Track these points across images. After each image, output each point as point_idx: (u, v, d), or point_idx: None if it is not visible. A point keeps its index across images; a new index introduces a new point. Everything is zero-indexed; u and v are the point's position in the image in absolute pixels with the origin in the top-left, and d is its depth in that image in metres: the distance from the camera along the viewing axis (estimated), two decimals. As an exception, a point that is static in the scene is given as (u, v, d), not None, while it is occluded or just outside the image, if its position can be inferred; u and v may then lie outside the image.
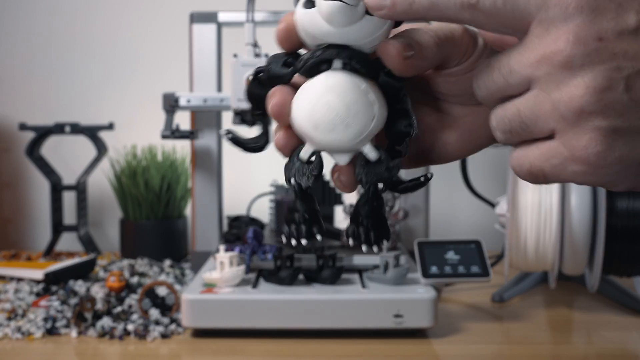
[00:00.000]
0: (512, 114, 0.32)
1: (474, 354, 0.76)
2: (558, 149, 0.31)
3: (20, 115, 1.36)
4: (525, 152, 0.33)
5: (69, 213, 1.27)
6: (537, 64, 0.30)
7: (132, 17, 1.38)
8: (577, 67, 0.29)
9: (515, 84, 0.32)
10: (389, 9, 0.33)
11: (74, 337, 0.78)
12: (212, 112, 1.05)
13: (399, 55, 0.34)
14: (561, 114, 0.30)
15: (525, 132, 0.32)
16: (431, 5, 0.32)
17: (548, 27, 0.30)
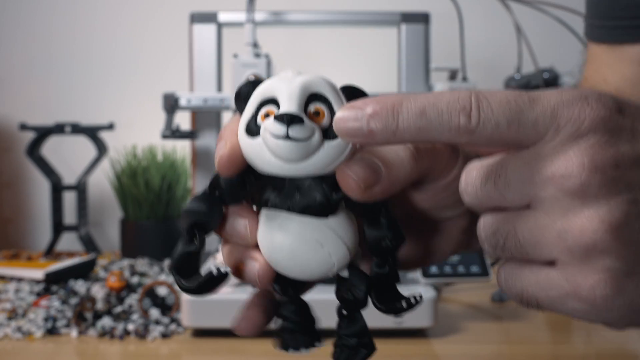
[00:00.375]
0: (506, 231, 0.28)
1: (474, 353, 0.76)
2: (558, 281, 0.27)
3: (21, 115, 1.36)
4: (517, 273, 0.29)
5: (69, 213, 1.27)
6: (543, 184, 0.27)
7: (132, 17, 1.38)
8: (590, 196, 0.26)
9: (513, 200, 0.28)
10: (366, 137, 0.27)
11: (74, 337, 0.78)
12: (212, 112, 1.05)
13: (358, 189, 0.29)
14: (568, 246, 0.26)
15: (521, 253, 0.28)
16: (419, 130, 0.27)
17: (557, 146, 0.26)
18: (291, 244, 0.30)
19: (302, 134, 0.27)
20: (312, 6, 1.18)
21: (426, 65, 1.02)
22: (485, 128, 0.27)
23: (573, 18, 1.06)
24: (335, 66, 1.37)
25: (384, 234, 0.30)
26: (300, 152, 0.28)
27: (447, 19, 1.05)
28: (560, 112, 0.27)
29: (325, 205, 0.29)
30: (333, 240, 0.30)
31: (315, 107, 0.29)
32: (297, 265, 0.30)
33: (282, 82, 0.29)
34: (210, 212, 0.31)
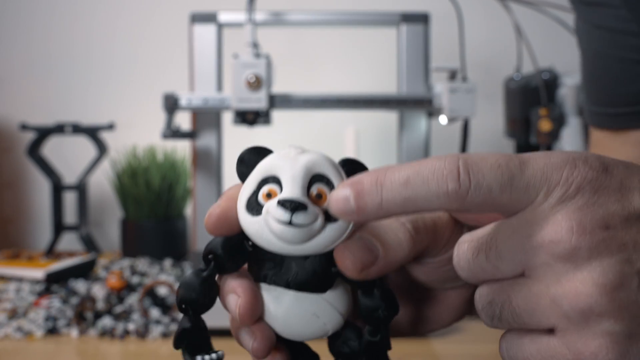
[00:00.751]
0: (501, 301, 0.28)
1: (474, 353, 0.76)
2: (559, 349, 0.26)
3: (21, 115, 1.36)
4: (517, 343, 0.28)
5: (69, 213, 1.27)
6: (534, 251, 0.26)
7: (132, 17, 1.38)
8: (582, 259, 0.25)
9: (506, 271, 0.27)
10: (357, 215, 0.27)
11: (74, 337, 0.79)
12: (212, 112, 1.05)
13: (355, 270, 0.29)
14: (564, 312, 0.26)
15: (519, 323, 0.28)
16: (405, 201, 0.26)
17: (545, 211, 0.26)
18: (287, 316, 0.30)
19: (306, 221, 0.28)
20: (312, 6, 1.18)
21: (426, 65, 1.02)
22: (478, 194, 0.26)
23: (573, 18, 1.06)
24: (335, 66, 1.37)
25: (378, 305, 0.30)
26: (303, 237, 0.28)
27: (447, 19, 1.05)
28: (549, 175, 0.26)
29: (323, 282, 0.30)
30: (328, 312, 0.30)
31: (318, 189, 0.29)
32: (294, 333, 0.31)
33: (285, 162, 0.29)
34: (201, 291, 0.31)
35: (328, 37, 1.35)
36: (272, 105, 0.97)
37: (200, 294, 0.30)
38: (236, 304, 0.30)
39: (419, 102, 0.99)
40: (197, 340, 0.31)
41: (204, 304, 0.31)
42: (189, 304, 0.30)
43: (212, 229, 0.30)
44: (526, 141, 1.04)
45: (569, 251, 0.26)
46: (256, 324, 0.31)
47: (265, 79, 0.94)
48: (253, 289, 0.30)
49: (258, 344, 0.31)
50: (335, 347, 0.33)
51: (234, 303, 0.30)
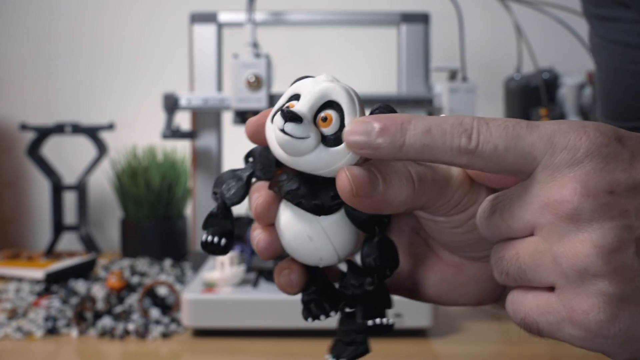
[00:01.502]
0: (510, 257, 0.29)
1: (474, 353, 0.76)
2: (556, 306, 0.28)
3: (21, 115, 1.36)
4: (521, 299, 0.30)
5: (69, 213, 1.27)
6: (541, 210, 0.28)
7: (132, 17, 1.38)
8: (584, 221, 0.26)
9: (517, 229, 0.29)
10: (373, 150, 0.29)
11: (74, 337, 0.79)
12: (212, 112, 1.05)
13: (349, 192, 0.29)
14: (562, 270, 0.27)
15: (523, 279, 0.29)
16: (423, 148, 0.28)
17: (553, 172, 0.27)
18: (288, 229, 0.32)
19: (296, 133, 0.29)
20: (312, 6, 1.18)
21: (426, 65, 1.02)
22: (484, 150, 0.28)
23: (573, 18, 1.06)
24: (335, 66, 1.37)
25: (372, 252, 0.32)
26: (292, 148, 0.30)
27: (447, 19, 1.05)
28: (556, 139, 0.27)
29: (319, 206, 0.31)
30: (322, 239, 0.32)
31: (326, 113, 0.30)
32: (291, 248, 0.33)
33: (310, 83, 0.31)
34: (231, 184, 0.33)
35: (328, 37, 1.35)
36: (272, 105, 0.97)
37: (228, 185, 0.33)
38: (255, 202, 0.32)
39: (419, 102, 0.99)
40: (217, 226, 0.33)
41: (229, 196, 0.33)
42: (218, 192, 0.34)
43: (249, 135, 0.33)
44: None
45: (572, 211, 0.27)
46: (268, 226, 0.33)
47: (265, 79, 0.94)
48: (272, 193, 0.32)
49: (263, 242, 0.33)
50: (340, 286, 0.34)
51: (254, 201, 0.33)
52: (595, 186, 0.26)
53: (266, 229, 0.33)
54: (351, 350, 0.34)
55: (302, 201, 0.31)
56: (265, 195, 0.32)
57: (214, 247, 0.33)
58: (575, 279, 0.27)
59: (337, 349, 0.34)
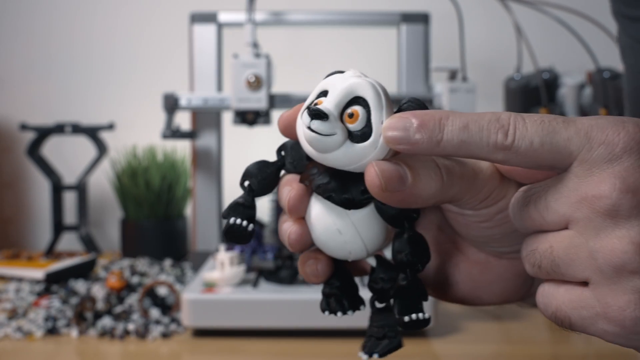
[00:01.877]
0: (543, 250, 0.29)
1: (474, 353, 0.76)
2: (590, 301, 0.28)
3: (21, 115, 1.36)
4: (553, 292, 0.30)
5: (69, 213, 1.27)
6: (577, 205, 0.28)
7: (132, 17, 1.38)
8: (622, 217, 0.26)
9: (552, 221, 0.29)
10: (411, 145, 0.29)
11: (74, 337, 0.79)
12: (212, 112, 1.05)
13: (378, 186, 0.29)
14: (598, 265, 0.27)
15: (556, 272, 0.29)
16: (461, 144, 0.28)
17: (591, 167, 0.27)
18: (318, 223, 0.33)
19: (322, 130, 0.30)
20: (312, 6, 1.18)
21: (426, 65, 1.02)
22: (519, 146, 0.28)
23: (573, 18, 1.06)
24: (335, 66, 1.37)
25: (403, 248, 0.32)
26: (320, 145, 0.30)
27: (447, 19, 1.05)
28: (593, 134, 0.27)
29: (349, 200, 0.31)
30: (351, 233, 0.32)
31: (352, 110, 0.30)
32: (321, 241, 0.33)
33: (338, 79, 0.31)
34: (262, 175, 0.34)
35: (328, 37, 1.35)
36: (272, 105, 0.97)
37: (258, 176, 0.34)
38: (287, 195, 0.33)
39: (419, 102, 0.99)
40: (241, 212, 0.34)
41: (258, 186, 0.34)
42: (249, 181, 0.34)
43: (282, 130, 0.33)
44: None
45: (610, 207, 0.27)
46: (299, 219, 0.33)
47: (265, 79, 0.94)
48: (304, 187, 0.33)
49: (294, 235, 0.33)
50: (370, 280, 0.35)
51: (286, 194, 0.33)
52: (635, 182, 0.26)
53: (297, 222, 0.33)
54: (385, 344, 0.34)
55: (332, 195, 0.31)
56: (297, 188, 0.33)
57: (239, 231, 0.33)
58: (611, 275, 0.27)
59: (369, 345, 0.34)
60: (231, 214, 0.33)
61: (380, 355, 0.34)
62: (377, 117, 0.30)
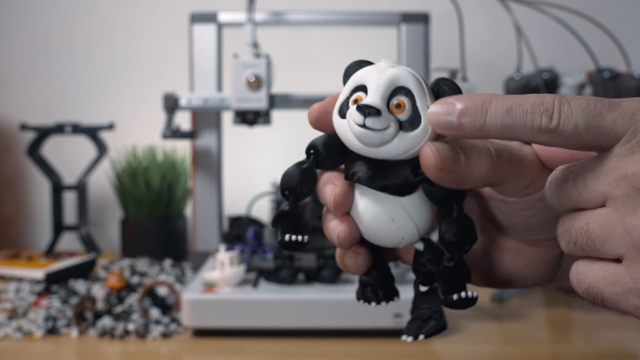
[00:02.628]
0: (579, 227, 0.30)
1: (474, 353, 0.76)
2: (623, 276, 0.28)
3: (21, 115, 1.36)
4: (587, 269, 0.30)
5: (69, 213, 1.27)
6: (617, 182, 0.28)
7: (132, 17, 1.38)
8: None
9: (589, 199, 0.29)
10: (456, 130, 0.30)
11: (74, 337, 0.79)
12: (212, 112, 1.05)
13: (435, 166, 0.30)
14: (633, 241, 0.28)
15: (591, 249, 0.29)
16: (504, 127, 0.29)
17: (633, 147, 0.28)
18: (367, 214, 0.33)
19: (377, 125, 0.30)
20: (312, 6, 1.18)
21: (426, 65, 1.02)
22: (564, 129, 0.28)
23: (573, 18, 1.06)
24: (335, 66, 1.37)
25: (452, 228, 0.33)
26: (375, 141, 0.30)
27: (447, 19, 1.05)
28: (639, 118, 0.28)
29: (402, 186, 0.32)
30: (403, 218, 0.33)
31: (398, 100, 0.31)
32: (371, 232, 0.33)
33: (374, 72, 0.32)
34: (299, 178, 0.34)
35: (328, 37, 1.35)
36: (272, 105, 0.97)
37: (299, 182, 0.34)
38: (332, 193, 0.33)
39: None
40: (291, 224, 0.34)
41: (302, 191, 0.34)
42: (290, 190, 0.34)
43: (313, 122, 0.33)
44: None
45: None
46: (345, 216, 0.33)
47: (265, 79, 0.94)
48: (347, 182, 0.33)
49: (344, 232, 0.33)
50: (417, 265, 0.35)
51: (330, 192, 0.33)
52: None
53: (344, 219, 0.33)
54: (432, 325, 0.35)
55: (386, 184, 0.32)
56: (341, 185, 0.33)
57: (297, 245, 0.34)
58: None
59: (415, 327, 0.35)
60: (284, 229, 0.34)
61: (427, 336, 0.34)
62: (423, 104, 0.31)
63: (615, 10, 1.30)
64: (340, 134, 0.32)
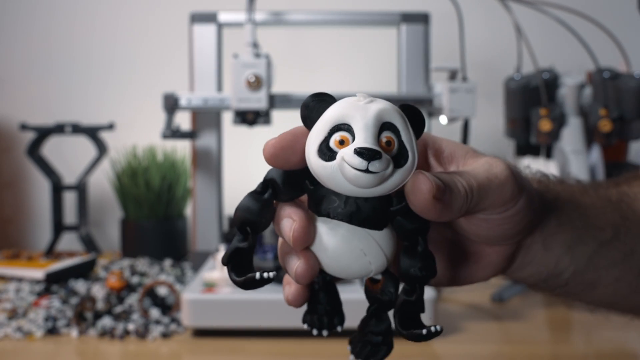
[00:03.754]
0: None
1: (474, 353, 0.76)
2: None
3: (21, 115, 1.36)
4: None
5: (69, 213, 1.27)
6: None
7: (132, 17, 1.38)
8: None
9: None
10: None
11: (74, 337, 0.79)
12: (212, 112, 1.05)
13: (430, 192, 0.31)
14: None
15: None
16: None
17: None
18: (338, 249, 0.32)
19: (381, 169, 0.30)
20: (312, 6, 1.18)
21: (426, 65, 1.02)
22: None
23: (573, 18, 1.06)
24: (335, 66, 1.37)
25: (416, 263, 0.33)
26: (375, 183, 0.30)
27: (447, 19, 1.05)
28: None
29: (381, 220, 0.32)
30: (375, 251, 0.32)
31: (387, 137, 0.31)
32: (339, 267, 0.33)
33: (356, 110, 0.31)
34: (260, 212, 0.33)
35: (328, 37, 1.35)
36: (272, 105, 0.97)
37: (259, 215, 0.33)
38: (291, 228, 0.32)
39: (419, 102, 0.99)
40: (244, 261, 0.33)
41: (262, 224, 0.33)
42: (249, 224, 0.33)
43: (269, 159, 0.32)
44: (526, 141, 1.04)
45: None
46: (304, 250, 0.33)
47: (265, 79, 0.94)
48: (307, 216, 0.32)
49: (302, 268, 0.32)
50: (374, 292, 0.35)
51: (289, 227, 0.32)
52: None
53: (302, 254, 0.33)
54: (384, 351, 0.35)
55: (366, 218, 0.31)
56: (299, 219, 0.32)
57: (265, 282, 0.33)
58: None
59: (366, 351, 0.35)
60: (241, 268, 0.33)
61: None
62: (406, 136, 0.31)
63: (615, 10, 1.30)
64: (321, 176, 0.31)
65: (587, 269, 0.40)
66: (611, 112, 0.98)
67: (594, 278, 0.40)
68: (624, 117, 0.99)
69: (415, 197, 0.31)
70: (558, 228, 0.38)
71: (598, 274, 0.40)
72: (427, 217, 0.32)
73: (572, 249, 0.39)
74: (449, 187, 0.31)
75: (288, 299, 0.35)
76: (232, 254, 0.33)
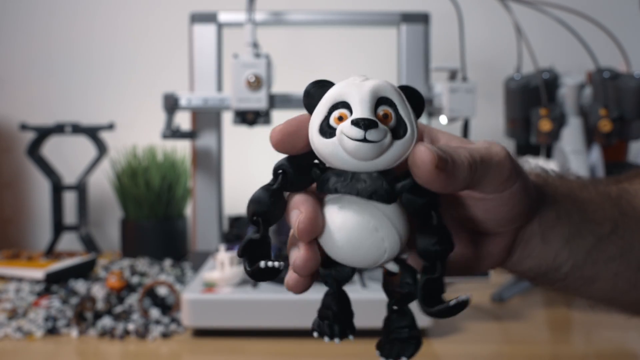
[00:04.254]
0: None
1: (474, 353, 0.76)
2: None
3: (21, 115, 1.36)
4: None
5: (69, 213, 1.27)
6: None
7: (132, 17, 1.38)
8: None
9: None
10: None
11: (74, 337, 0.79)
12: (212, 112, 1.05)
13: (432, 163, 0.31)
14: None
15: None
16: None
17: None
18: (349, 226, 0.32)
19: (377, 137, 0.30)
20: (312, 6, 1.18)
21: (426, 65, 1.02)
22: None
23: (573, 18, 1.06)
24: (335, 66, 1.37)
25: (433, 238, 0.32)
26: (374, 153, 0.30)
27: (447, 19, 1.05)
28: None
29: (390, 193, 0.32)
30: (387, 227, 0.32)
31: (384, 110, 0.31)
32: (351, 248, 0.32)
33: (352, 88, 0.32)
34: (269, 202, 0.33)
35: (328, 37, 1.35)
36: (272, 105, 0.97)
37: (270, 206, 0.33)
38: (297, 219, 0.32)
39: (419, 102, 0.99)
40: (260, 252, 0.33)
41: (274, 215, 0.33)
42: (260, 215, 0.33)
43: (275, 145, 0.32)
44: (526, 141, 1.04)
45: None
46: (309, 243, 0.33)
47: (265, 79, 0.94)
48: (315, 207, 0.32)
49: (301, 259, 0.32)
50: (392, 286, 0.35)
51: (296, 218, 0.32)
52: None
53: (305, 247, 0.33)
54: (413, 345, 0.34)
55: (375, 190, 0.31)
56: (306, 211, 0.32)
57: (272, 273, 0.32)
58: None
59: (395, 349, 0.34)
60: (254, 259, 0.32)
61: (409, 357, 0.34)
62: (404, 110, 0.32)
63: (615, 10, 1.30)
64: (324, 154, 0.31)
65: (585, 263, 0.40)
66: (611, 112, 0.98)
67: (592, 272, 0.40)
68: (624, 117, 0.99)
69: (418, 169, 0.31)
70: (556, 221, 0.39)
71: (597, 268, 0.40)
72: (433, 188, 0.32)
73: (571, 243, 0.39)
74: (451, 157, 0.32)
75: (288, 283, 0.35)
76: (246, 245, 0.33)
